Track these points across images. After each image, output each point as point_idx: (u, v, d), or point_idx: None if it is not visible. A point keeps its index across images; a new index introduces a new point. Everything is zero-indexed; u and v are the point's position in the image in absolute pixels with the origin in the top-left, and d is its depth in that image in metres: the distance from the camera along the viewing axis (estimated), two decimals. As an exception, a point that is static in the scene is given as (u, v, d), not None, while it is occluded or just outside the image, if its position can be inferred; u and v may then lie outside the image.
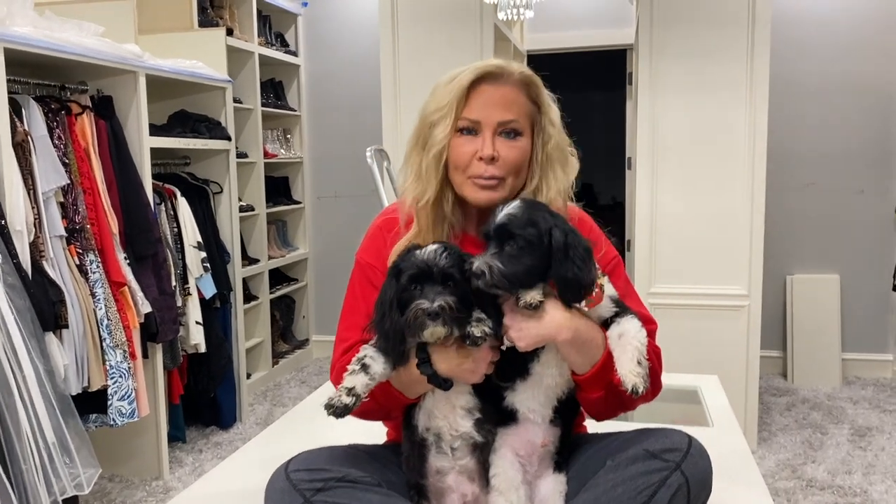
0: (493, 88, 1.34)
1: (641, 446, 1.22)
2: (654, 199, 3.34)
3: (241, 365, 3.89)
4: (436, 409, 1.30)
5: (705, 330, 3.30)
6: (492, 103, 1.33)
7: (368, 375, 1.22)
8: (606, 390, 1.28)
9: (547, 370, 1.30)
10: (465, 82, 1.32)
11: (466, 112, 1.33)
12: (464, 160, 1.35)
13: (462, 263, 1.23)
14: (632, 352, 1.21)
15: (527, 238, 1.21)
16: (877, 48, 4.22)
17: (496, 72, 1.34)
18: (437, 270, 1.21)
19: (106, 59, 2.86)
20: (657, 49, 3.28)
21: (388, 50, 3.54)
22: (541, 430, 1.32)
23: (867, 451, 3.30)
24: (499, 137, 1.34)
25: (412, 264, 1.23)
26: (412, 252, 1.26)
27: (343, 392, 1.20)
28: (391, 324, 1.23)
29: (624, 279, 1.44)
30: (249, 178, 4.36)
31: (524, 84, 1.36)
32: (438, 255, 1.22)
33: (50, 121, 2.64)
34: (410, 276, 1.22)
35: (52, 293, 2.47)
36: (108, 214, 2.81)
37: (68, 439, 2.32)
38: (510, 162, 1.34)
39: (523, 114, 1.36)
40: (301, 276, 5.07)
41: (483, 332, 1.20)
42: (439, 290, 1.20)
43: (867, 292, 4.34)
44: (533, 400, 1.31)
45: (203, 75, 3.54)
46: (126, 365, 2.76)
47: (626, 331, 1.24)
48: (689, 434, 1.25)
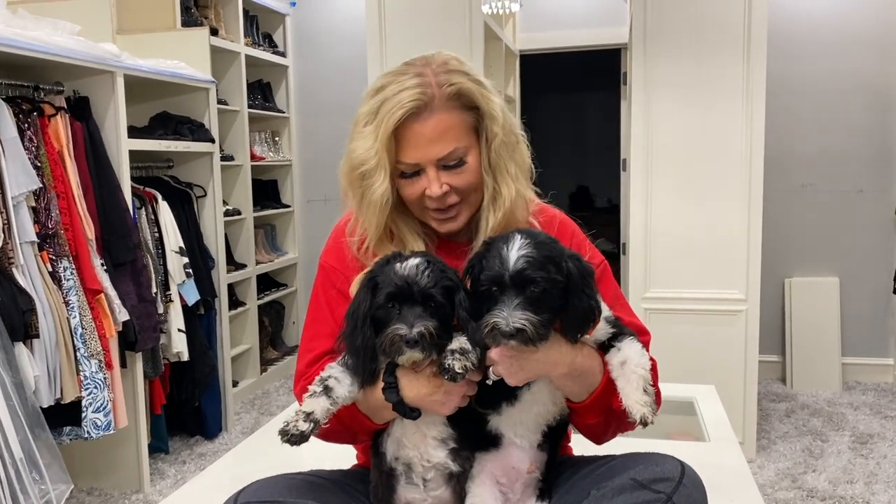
0: (422, 125, 1.19)
1: (629, 475, 1.12)
2: (648, 202, 3.26)
3: (227, 373, 3.79)
4: (405, 437, 1.20)
5: (702, 335, 3.22)
6: (425, 142, 1.20)
7: (330, 399, 1.12)
8: (605, 415, 1.20)
9: (538, 398, 1.20)
10: (390, 128, 1.18)
11: (401, 156, 1.21)
12: (414, 199, 1.25)
13: (445, 280, 1.12)
14: (636, 381, 1.12)
15: (550, 279, 1.09)
16: (873, 47, 4.14)
17: (419, 104, 1.18)
18: (418, 290, 1.10)
19: (81, 59, 2.77)
20: (651, 49, 3.20)
21: (375, 51, 3.45)
22: (527, 456, 1.22)
23: (869, 459, 3.21)
24: (444, 172, 1.22)
25: (390, 280, 1.11)
26: (391, 263, 1.14)
27: (300, 417, 1.09)
28: (363, 340, 1.12)
29: (613, 286, 1.35)
30: (236, 181, 4.27)
31: (453, 99, 1.21)
32: (420, 271, 1.11)
33: (21, 122, 2.54)
34: (388, 294, 1.11)
35: (22, 301, 2.37)
36: (84, 219, 2.71)
37: (37, 454, 2.23)
38: (463, 187, 1.24)
39: (462, 133, 1.22)
40: (290, 282, 4.98)
41: (464, 367, 1.08)
42: (419, 314, 1.09)
43: (867, 295, 4.25)
44: (520, 425, 1.21)
45: (185, 76, 3.45)
46: (102, 375, 2.66)
47: (629, 357, 1.15)
48: (682, 461, 1.16)
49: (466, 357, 1.09)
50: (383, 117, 1.18)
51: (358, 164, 1.22)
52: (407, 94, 1.18)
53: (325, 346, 1.27)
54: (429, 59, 1.24)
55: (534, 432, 1.22)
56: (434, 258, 1.16)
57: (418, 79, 1.19)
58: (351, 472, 1.36)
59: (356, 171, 1.23)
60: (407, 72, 1.21)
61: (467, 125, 1.23)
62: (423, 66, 1.22)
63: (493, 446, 1.22)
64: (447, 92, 1.20)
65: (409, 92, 1.18)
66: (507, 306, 1.07)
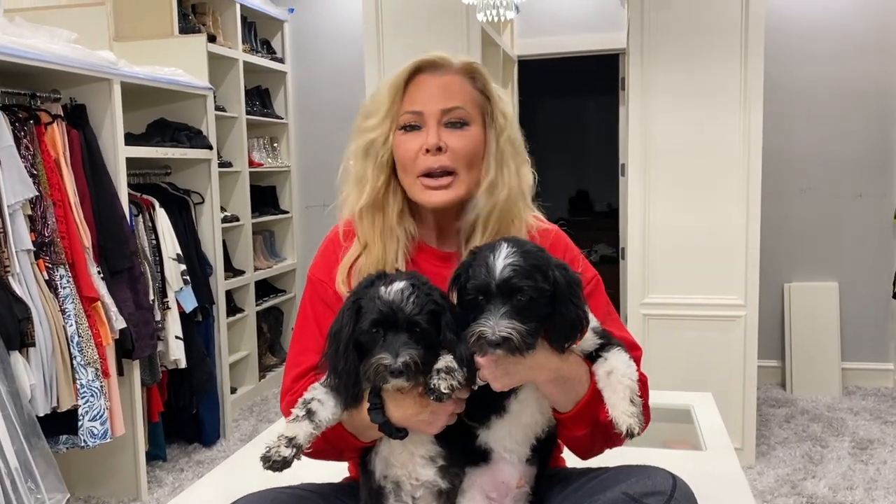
0: (434, 78, 1.24)
1: (620, 489, 1.11)
2: (646, 207, 3.25)
3: (225, 379, 3.79)
4: (392, 456, 1.18)
5: (701, 341, 3.20)
6: (433, 92, 1.23)
7: (314, 423, 1.10)
8: (592, 427, 1.19)
9: (525, 408, 1.19)
10: (403, 75, 1.24)
11: (406, 105, 1.24)
12: (409, 157, 1.24)
13: (431, 303, 1.09)
14: (623, 391, 1.11)
15: (536, 288, 1.08)
16: (871, 52, 4.14)
17: (436, 61, 1.25)
18: (403, 317, 1.07)
19: (78, 67, 2.77)
20: (648, 54, 3.20)
21: (372, 56, 3.46)
22: (516, 471, 1.21)
23: (869, 464, 3.20)
24: (445, 129, 1.23)
25: (375, 307, 1.08)
26: (376, 286, 1.11)
27: (283, 442, 1.07)
28: (346, 365, 1.10)
29: (604, 301, 1.33)
30: (234, 187, 4.27)
31: (468, 73, 1.26)
32: (406, 297, 1.08)
33: (17, 130, 2.54)
34: (373, 320, 1.08)
35: (18, 310, 2.37)
36: (80, 227, 2.71)
37: (32, 464, 2.22)
38: (460, 152, 1.23)
39: (469, 101, 1.25)
40: (289, 288, 4.97)
41: (451, 387, 1.06)
42: (404, 341, 1.06)
43: (867, 300, 4.24)
44: (509, 438, 1.19)
45: (182, 83, 3.45)
46: (98, 383, 2.66)
47: (616, 367, 1.14)
48: (674, 474, 1.14)
49: (452, 376, 1.07)
50: (401, 69, 1.25)
51: (368, 113, 1.27)
52: (427, 54, 1.25)
53: (311, 361, 1.26)
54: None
55: (523, 446, 1.21)
56: (420, 280, 1.13)
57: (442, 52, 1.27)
58: (341, 485, 1.35)
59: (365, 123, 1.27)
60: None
61: (476, 101, 1.26)
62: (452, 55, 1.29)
63: (483, 461, 1.21)
64: (463, 65, 1.26)
65: (430, 53, 1.26)
66: (493, 315, 1.06)
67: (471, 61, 1.28)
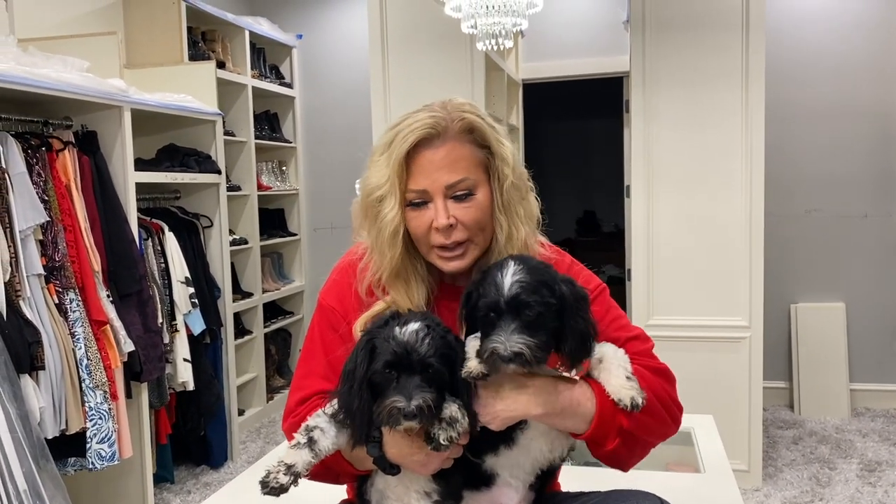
0: (433, 151, 1.22)
1: None
2: (650, 229, 3.27)
3: (233, 401, 3.81)
4: (388, 490, 1.19)
5: (706, 362, 3.21)
6: (435, 168, 1.22)
7: (313, 452, 1.11)
8: (621, 436, 1.18)
9: (534, 441, 1.21)
10: (402, 153, 1.21)
11: (411, 184, 1.23)
12: (421, 233, 1.25)
13: (445, 347, 1.10)
14: (616, 370, 1.16)
15: (544, 302, 1.11)
16: (873, 72, 4.16)
17: (432, 132, 1.22)
18: (417, 359, 1.08)
19: (89, 95, 2.83)
20: (650, 77, 3.23)
21: (378, 81, 3.50)
22: (518, 495, 1.23)
23: (877, 487, 3.18)
24: (452, 202, 1.23)
25: (389, 348, 1.09)
26: (390, 326, 1.12)
27: (282, 469, 1.08)
28: (360, 404, 1.11)
29: (607, 306, 1.34)
30: (243, 210, 4.32)
31: (466, 132, 1.24)
32: (420, 339, 1.09)
33: (30, 157, 2.60)
34: (387, 362, 1.09)
35: (28, 334, 2.41)
36: (90, 251, 2.76)
37: (41, 485, 2.25)
38: (470, 224, 1.24)
39: (473, 166, 1.24)
40: (297, 309, 5.00)
41: (450, 438, 1.08)
42: (417, 384, 1.06)
43: (874, 320, 4.23)
44: (517, 467, 1.21)
45: (192, 108, 3.51)
46: (106, 406, 2.69)
47: (605, 354, 1.18)
48: (662, 499, 1.15)
49: (454, 427, 1.08)
50: (396, 144, 1.22)
51: (371, 192, 1.25)
52: (420, 123, 1.22)
53: (316, 386, 1.28)
54: (446, 101, 1.28)
55: (529, 474, 1.23)
56: (434, 322, 1.14)
57: (434, 113, 1.24)
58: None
59: (369, 197, 1.26)
60: (424, 110, 1.27)
61: (478, 160, 1.25)
62: (439, 106, 1.27)
63: (485, 485, 1.22)
64: (459, 125, 1.23)
65: (423, 121, 1.22)
66: (504, 331, 1.08)
67: (465, 114, 1.25)
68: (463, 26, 3.03)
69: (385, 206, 1.23)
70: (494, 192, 1.26)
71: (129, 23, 3.94)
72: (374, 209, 1.25)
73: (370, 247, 1.30)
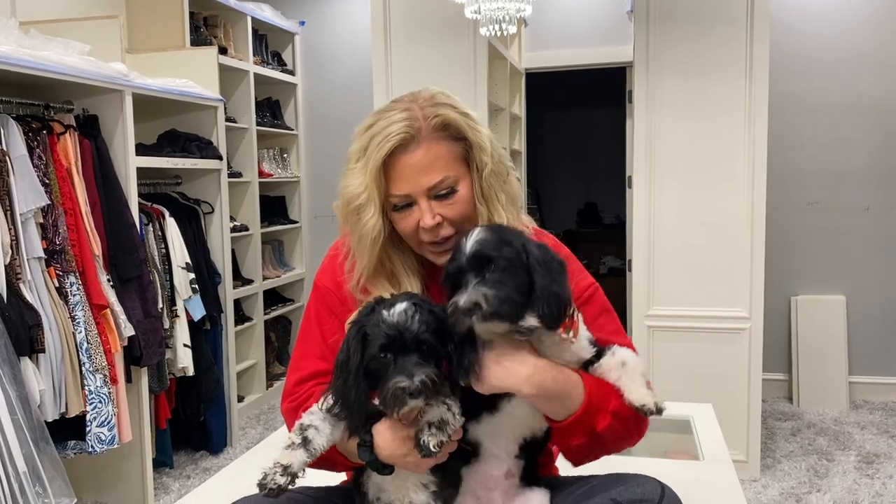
0: (409, 156, 1.21)
1: (609, 495, 1.13)
2: (651, 219, 3.27)
3: (232, 388, 3.82)
4: (384, 483, 1.19)
5: (706, 353, 3.21)
6: (414, 172, 1.21)
7: (308, 452, 1.11)
8: (588, 437, 1.20)
9: (517, 410, 1.21)
10: (378, 161, 1.20)
11: (393, 189, 1.23)
12: (410, 232, 1.26)
13: (435, 321, 1.10)
14: (639, 377, 1.17)
15: (506, 257, 1.11)
16: (877, 65, 4.14)
17: (406, 137, 1.20)
18: (411, 337, 1.07)
19: (91, 78, 2.82)
20: (654, 67, 3.22)
21: (380, 69, 3.50)
22: (504, 464, 1.24)
23: (875, 479, 3.18)
24: (436, 202, 1.23)
25: (381, 331, 1.08)
26: (377, 310, 1.12)
27: (278, 470, 1.08)
28: (357, 394, 1.10)
29: (601, 308, 1.34)
30: (244, 197, 4.31)
31: (440, 129, 1.22)
32: (409, 317, 1.09)
33: (30, 140, 2.59)
34: (381, 345, 1.08)
35: (28, 317, 2.41)
36: (91, 235, 2.75)
37: (40, 468, 2.26)
38: (456, 219, 1.24)
39: (451, 162, 1.23)
40: (297, 297, 5.00)
41: (440, 443, 1.08)
42: (416, 362, 1.06)
43: (874, 313, 4.23)
44: (499, 436, 1.22)
45: (193, 94, 3.50)
46: (106, 390, 2.69)
47: (627, 359, 1.20)
48: (663, 483, 1.16)
49: (443, 431, 1.08)
50: (372, 152, 1.20)
51: (350, 200, 1.24)
52: (394, 128, 1.20)
53: (313, 367, 1.28)
54: (416, 95, 1.26)
55: (512, 443, 1.24)
56: (420, 299, 1.14)
57: (405, 113, 1.22)
58: (338, 488, 1.37)
59: (349, 206, 1.25)
60: (394, 108, 1.24)
61: (456, 155, 1.24)
62: (410, 101, 1.24)
63: (473, 456, 1.23)
64: (433, 123, 1.22)
65: (397, 125, 1.20)
66: (466, 286, 1.10)
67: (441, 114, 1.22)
68: (466, 11, 3.02)
69: (365, 214, 1.23)
70: (474, 180, 1.26)
71: (130, 7, 3.92)
72: (353, 217, 1.25)
73: (352, 249, 1.30)
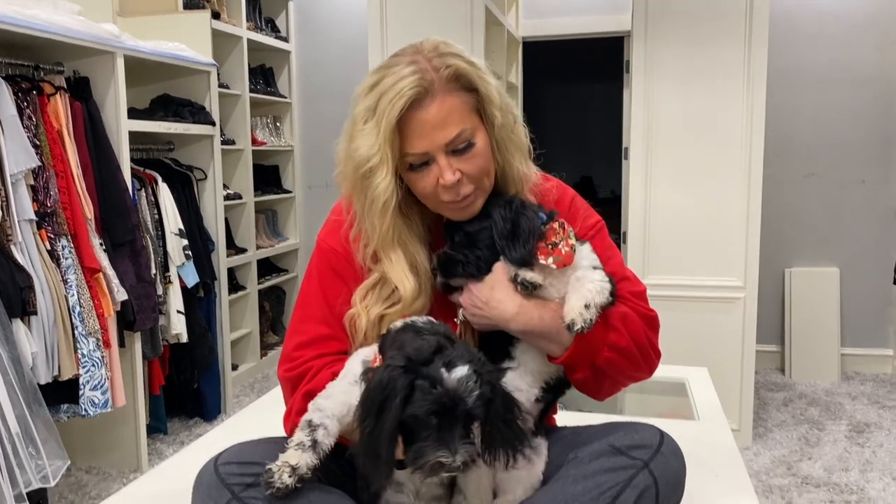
0: (424, 111, 1.15)
1: (607, 441, 1.13)
2: (647, 189, 3.26)
3: (226, 356, 3.81)
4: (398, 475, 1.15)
5: (700, 322, 3.22)
6: (430, 128, 1.15)
7: (317, 454, 1.06)
8: (591, 370, 1.21)
9: (528, 355, 1.24)
10: (393, 120, 1.14)
11: (408, 147, 1.17)
12: (428, 192, 1.21)
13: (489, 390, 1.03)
14: (582, 293, 1.17)
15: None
16: (876, 37, 4.12)
17: (420, 91, 1.14)
18: (464, 409, 1.00)
19: (81, 39, 2.77)
20: (652, 37, 3.19)
21: (375, 36, 3.45)
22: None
23: (865, 447, 3.21)
24: (454, 157, 1.18)
25: (434, 396, 0.99)
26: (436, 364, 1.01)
27: (286, 471, 1.04)
28: (387, 453, 1.00)
29: (606, 245, 1.34)
30: (237, 165, 4.27)
31: (452, 81, 1.17)
32: (467, 388, 1.00)
33: (20, 101, 2.55)
34: (429, 410, 0.99)
35: (20, 278, 2.39)
36: (83, 198, 2.72)
37: (34, 430, 2.25)
38: (476, 173, 1.20)
39: (466, 114, 1.18)
40: (291, 267, 4.99)
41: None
42: (462, 435, 0.99)
43: (867, 286, 4.24)
44: (520, 380, 1.24)
45: (186, 58, 3.45)
46: (99, 353, 2.68)
47: (584, 276, 1.20)
48: (662, 430, 1.16)
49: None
50: (384, 110, 1.14)
51: (361, 163, 1.17)
52: (406, 83, 1.14)
53: (314, 332, 1.26)
54: (418, 47, 1.20)
55: (532, 387, 1.25)
56: (481, 364, 1.05)
57: (413, 66, 1.15)
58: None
59: (360, 170, 1.18)
60: (399, 62, 1.17)
61: (469, 106, 1.19)
62: (413, 53, 1.18)
63: None
64: (445, 74, 1.16)
65: (408, 80, 1.14)
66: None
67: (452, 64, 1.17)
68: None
69: (377, 176, 1.17)
70: (490, 132, 1.22)
71: (121, -31, 3.85)
72: (364, 181, 1.19)
73: (359, 216, 1.25)
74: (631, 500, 1.07)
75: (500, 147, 1.24)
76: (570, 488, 1.09)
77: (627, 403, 2.36)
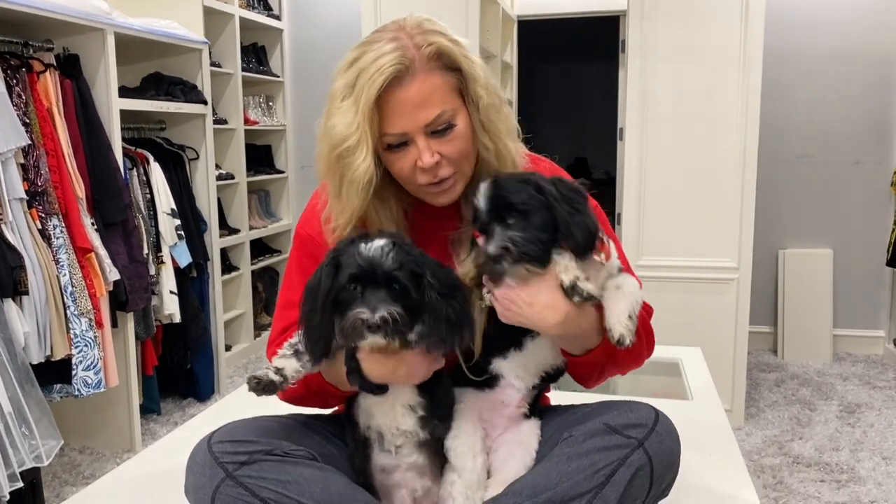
0: (404, 90, 1.12)
1: (602, 419, 1.12)
2: (642, 169, 3.25)
3: (220, 336, 3.81)
4: (374, 407, 1.20)
5: (694, 303, 3.23)
6: (410, 107, 1.12)
7: (300, 362, 1.13)
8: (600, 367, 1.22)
9: (540, 347, 1.23)
10: (371, 98, 1.10)
11: (386, 127, 1.13)
12: (406, 174, 1.18)
13: (412, 262, 1.08)
14: (626, 303, 1.13)
15: (524, 200, 1.09)
16: (871, 19, 4.10)
17: (400, 69, 1.11)
18: (382, 273, 1.06)
19: (71, 15, 2.74)
20: (648, 15, 3.17)
21: (369, 15, 3.41)
22: (518, 394, 1.26)
23: (856, 427, 3.24)
24: (433, 138, 1.15)
25: (354, 262, 1.07)
26: (356, 243, 1.10)
27: (272, 370, 1.11)
28: (321, 318, 1.09)
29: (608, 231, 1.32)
30: (229, 145, 4.24)
31: (434, 59, 1.13)
32: (385, 253, 1.07)
33: (9, 78, 2.52)
34: (351, 275, 1.07)
35: (11, 258, 2.37)
36: (74, 178, 2.70)
37: (26, 410, 2.24)
38: (455, 156, 1.17)
39: (447, 94, 1.15)
40: (284, 248, 4.96)
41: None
42: (382, 297, 1.05)
43: (860, 267, 4.25)
44: (522, 369, 1.24)
45: (178, 36, 3.41)
46: (92, 333, 2.67)
47: (625, 284, 1.16)
48: (657, 409, 1.16)
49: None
50: (363, 87, 1.10)
51: (339, 142, 1.14)
52: (386, 59, 1.10)
53: (297, 315, 1.25)
54: (401, 23, 1.17)
55: (534, 376, 1.25)
56: (401, 239, 1.12)
57: (395, 43, 1.12)
58: (329, 416, 1.36)
59: (336, 149, 1.15)
60: (381, 38, 1.14)
61: (451, 86, 1.16)
62: (396, 30, 1.15)
63: (489, 387, 1.24)
64: (427, 52, 1.13)
65: (388, 57, 1.11)
66: (491, 236, 1.09)
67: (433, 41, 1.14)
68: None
69: (356, 156, 1.13)
70: (472, 113, 1.18)
71: (111, -55, 3.79)
72: (340, 161, 1.15)
73: (332, 197, 1.22)
74: (625, 479, 1.07)
75: (488, 128, 1.20)
76: (564, 466, 1.09)
77: (620, 383, 2.37)
